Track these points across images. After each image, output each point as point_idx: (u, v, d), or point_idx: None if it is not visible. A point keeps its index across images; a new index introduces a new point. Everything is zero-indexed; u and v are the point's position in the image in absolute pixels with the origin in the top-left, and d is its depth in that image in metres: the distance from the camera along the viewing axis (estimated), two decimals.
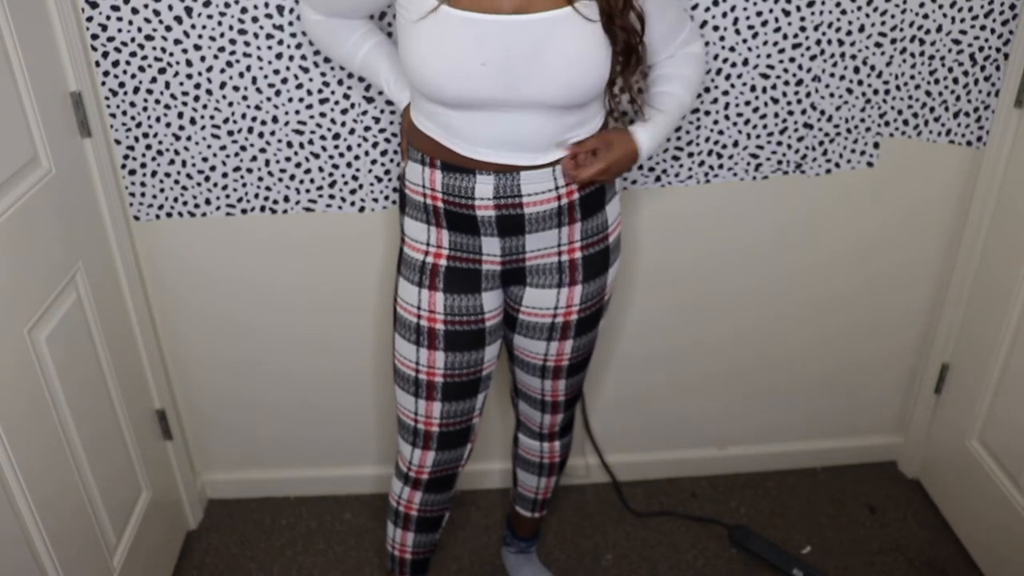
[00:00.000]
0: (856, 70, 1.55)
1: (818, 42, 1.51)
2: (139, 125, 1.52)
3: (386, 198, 1.61)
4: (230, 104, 1.50)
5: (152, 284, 1.71)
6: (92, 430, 1.45)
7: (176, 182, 1.58)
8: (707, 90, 1.54)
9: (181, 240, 1.65)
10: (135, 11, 1.41)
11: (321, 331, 1.77)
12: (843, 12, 1.49)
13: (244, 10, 1.42)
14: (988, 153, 1.61)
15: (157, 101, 1.50)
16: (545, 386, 1.44)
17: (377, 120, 1.52)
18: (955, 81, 1.57)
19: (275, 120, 1.52)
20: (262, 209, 1.62)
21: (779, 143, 1.61)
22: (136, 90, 1.49)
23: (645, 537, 1.86)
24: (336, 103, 1.51)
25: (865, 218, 1.72)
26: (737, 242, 1.73)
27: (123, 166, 1.56)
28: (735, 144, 1.60)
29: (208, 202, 1.61)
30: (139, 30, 1.43)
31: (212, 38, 1.44)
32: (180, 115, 1.51)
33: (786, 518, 1.90)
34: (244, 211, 1.62)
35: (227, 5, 1.41)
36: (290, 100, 1.50)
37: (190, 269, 1.69)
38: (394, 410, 1.38)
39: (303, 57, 1.46)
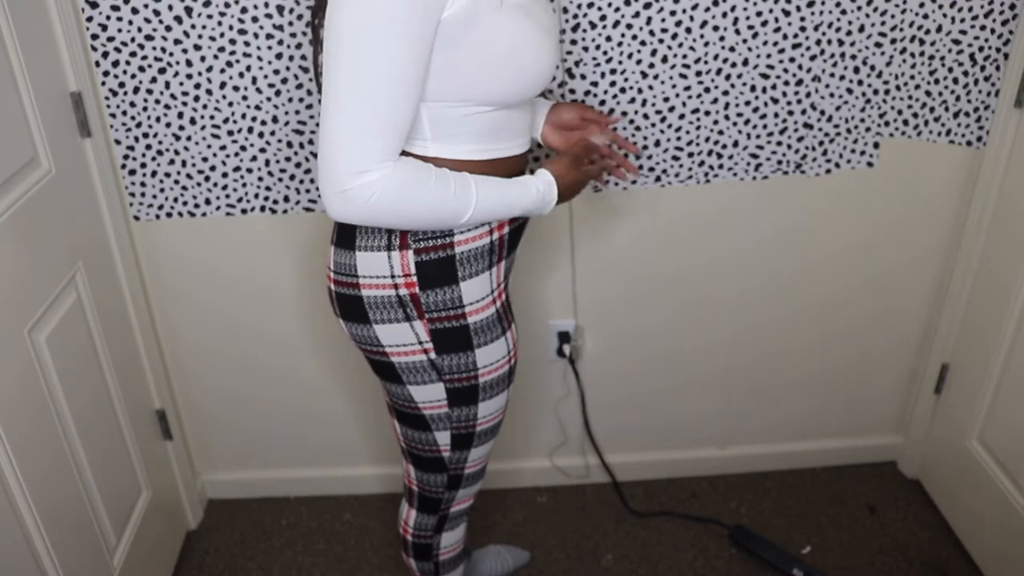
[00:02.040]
0: (856, 70, 1.55)
1: (818, 42, 1.51)
2: (139, 125, 1.52)
3: None
4: (230, 104, 1.51)
5: (152, 284, 1.71)
6: (92, 430, 1.45)
7: (176, 182, 1.58)
8: (707, 90, 1.54)
9: (181, 240, 1.65)
10: (135, 11, 1.41)
11: (321, 331, 1.77)
12: (843, 12, 1.49)
13: (244, 10, 1.42)
14: (988, 153, 1.61)
15: (157, 101, 1.50)
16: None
17: None
18: (955, 81, 1.57)
19: (275, 120, 1.52)
20: (262, 209, 1.62)
21: (779, 143, 1.61)
22: (136, 90, 1.49)
23: (645, 537, 1.86)
24: None
25: (865, 218, 1.72)
26: (737, 242, 1.73)
27: (123, 166, 1.57)
28: (735, 144, 1.60)
29: (208, 202, 1.61)
30: (139, 30, 1.43)
31: (212, 38, 1.44)
32: (180, 115, 1.51)
33: (786, 518, 1.90)
34: (244, 211, 1.62)
35: (227, 5, 1.41)
36: (290, 100, 1.50)
37: (190, 269, 1.69)
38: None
39: (303, 57, 1.46)
